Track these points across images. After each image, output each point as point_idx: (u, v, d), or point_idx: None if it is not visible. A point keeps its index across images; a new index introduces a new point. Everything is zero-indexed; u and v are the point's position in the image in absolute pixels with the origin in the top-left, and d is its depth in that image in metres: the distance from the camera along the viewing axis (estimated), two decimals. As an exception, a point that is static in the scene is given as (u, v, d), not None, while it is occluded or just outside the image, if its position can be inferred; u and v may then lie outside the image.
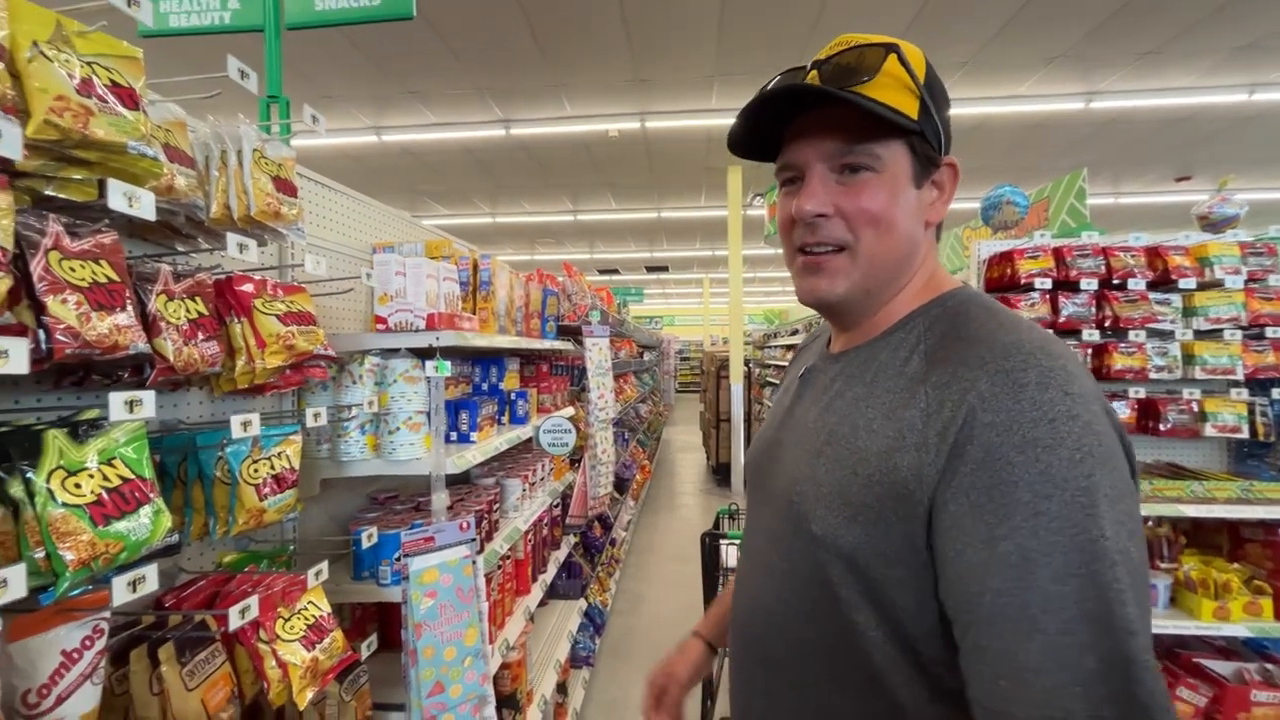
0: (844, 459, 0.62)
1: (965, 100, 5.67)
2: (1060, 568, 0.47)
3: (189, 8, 1.87)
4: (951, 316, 0.64)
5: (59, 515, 0.70)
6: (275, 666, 1.03)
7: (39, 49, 0.71)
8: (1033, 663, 0.47)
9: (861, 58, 0.63)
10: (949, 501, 0.53)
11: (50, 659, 0.76)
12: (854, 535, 0.59)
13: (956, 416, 0.53)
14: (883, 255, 0.66)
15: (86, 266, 0.78)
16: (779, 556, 0.69)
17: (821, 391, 0.73)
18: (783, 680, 0.68)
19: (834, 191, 0.65)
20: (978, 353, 0.57)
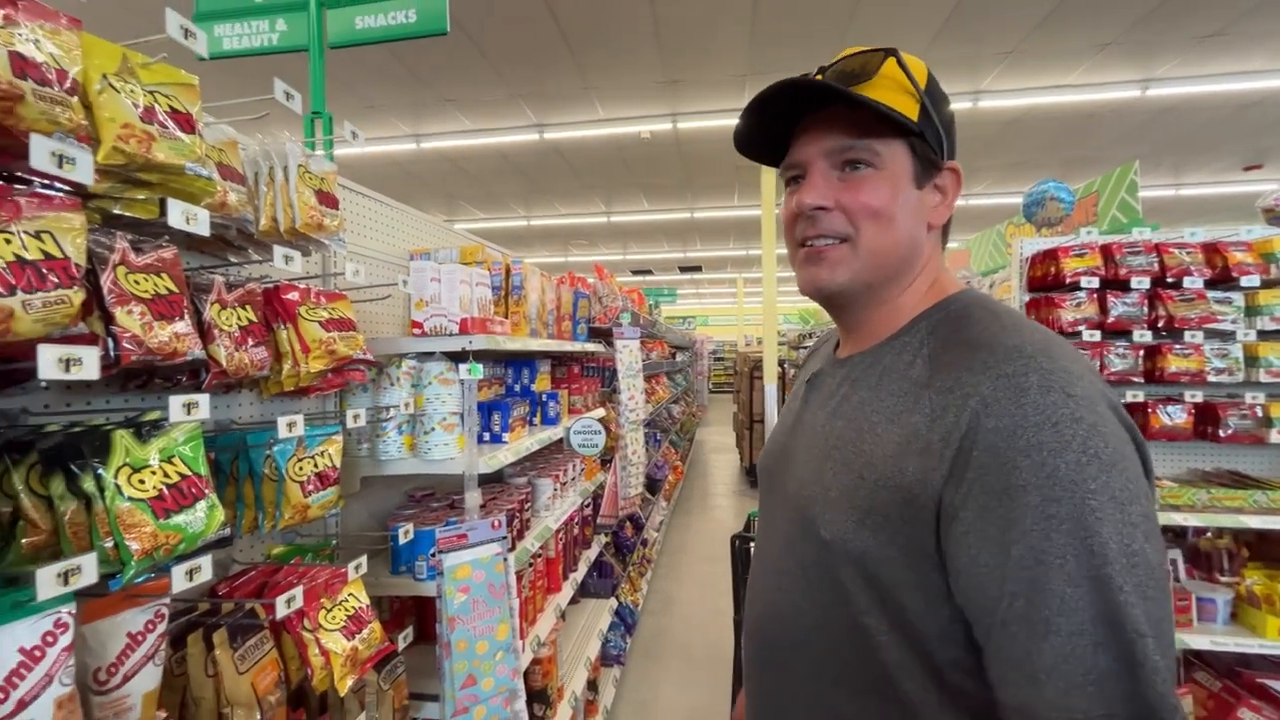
0: (851, 463, 0.63)
1: (1007, 92, 5.48)
2: (1073, 570, 0.48)
3: (241, 31, 2.00)
4: (954, 320, 0.64)
5: (125, 508, 0.76)
6: (318, 654, 1.09)
7: (108, 81, 0.78)
8: (1048, 663, 0.48)
9: (862, 62, 0.65)
10: (959, 507, 0.53)
11: (118, 640, 0.82)
12: (862, 539, 0.59)
13: (960, 421, 0.54)
14: (883, 249, 0.67)
15: (149, 279, 0.84)
16: (791, 560, 0.69)
17: (829, 396, 0.74)
18: (796, 683, 0.69)
19: (835, 186, 0.67)
20: (980, 357, 0.57)
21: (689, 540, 5.54)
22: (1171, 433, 2.26)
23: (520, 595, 1.77)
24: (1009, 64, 5.05)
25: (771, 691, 0.72)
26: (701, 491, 7.47)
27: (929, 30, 4.54)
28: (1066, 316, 2.37)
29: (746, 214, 10.00)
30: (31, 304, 0.67)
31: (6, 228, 0.67)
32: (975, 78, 5.31)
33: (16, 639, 0.67)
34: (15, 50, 0.66)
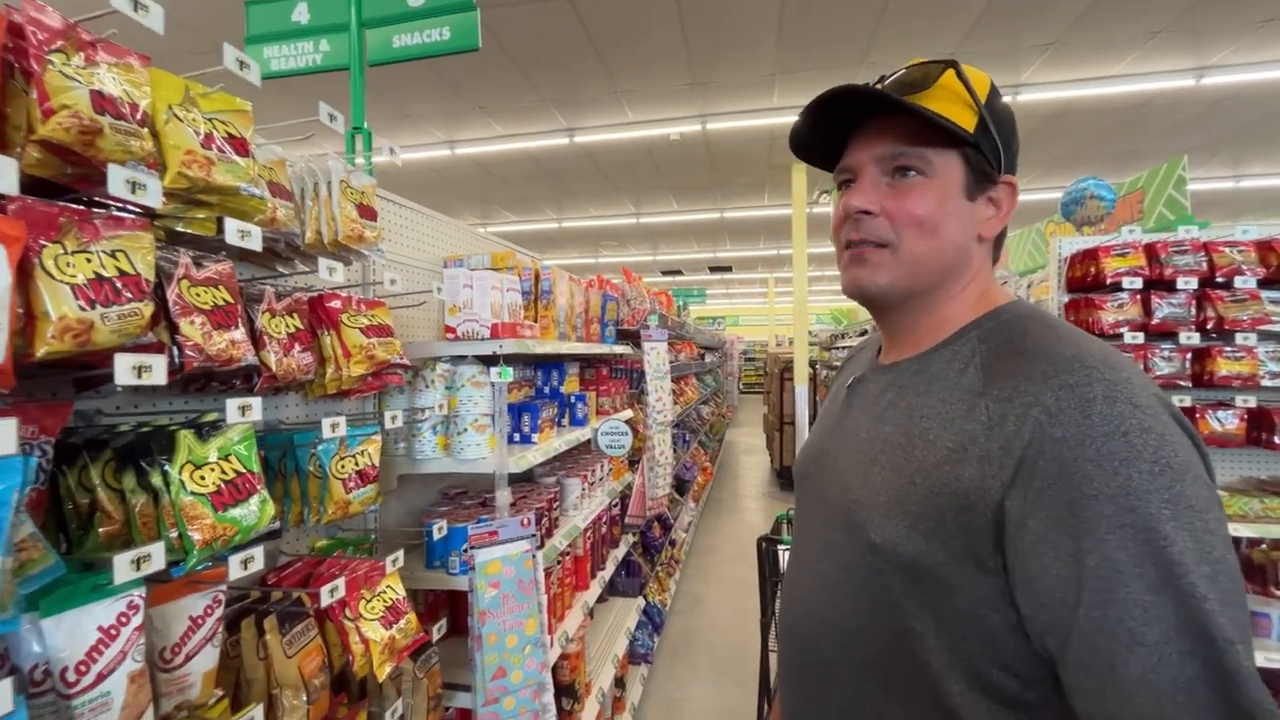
0: (901, 469, 0.63)
1: (1048, 85, 5.30)
2: (1154, 579, 0.47)
3: (288, 54, 2.13)
4: (1006, 330, 0.64)
5: (189, 502, 0.83)
6: (359, 641, 1.16)
7: (173, 112, 0.85)
8: (1134, 674, 0.47)
9: (923, 73, 0.67)
10: (1026, 516, 0.53)
11: (181, 623, 0.90)
12: (914, 545, 0.59)
13: (1021, 431, 0.54)
14: (925, 257, 0.67)
15: (209, 291, 0.91)
16: (833, 564, 0.69)
17: (872, 402, 0.74)
18: (836, 687, 0.69)
19: (883, 192, 0.68)
20: (1039, 367, 0.57)
21: (718, 542, 5.53)
22: (1222, 439, 2.17)
23: (549, 592, 1.83)
24: (1051, 56, 4.88)
25: (811, 694, 0.72)
26: (731, 493, 7.44)
27: (962, 25, 4.44)
28: (1107, 318, 2.30)
29: (777, 213, 9.91)
30: (108, 316, 0.74)
31: (87, 248, 0.74)
32: (1014, 71, 5.16)
33: (95, 619, 0.74)
34: (95, 89, 0.73)
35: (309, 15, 2.13)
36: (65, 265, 0.71)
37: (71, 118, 0.70)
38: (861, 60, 4.98)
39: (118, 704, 0.75)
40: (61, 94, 0.70)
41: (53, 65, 0.70)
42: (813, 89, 5.51)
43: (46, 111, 0.69)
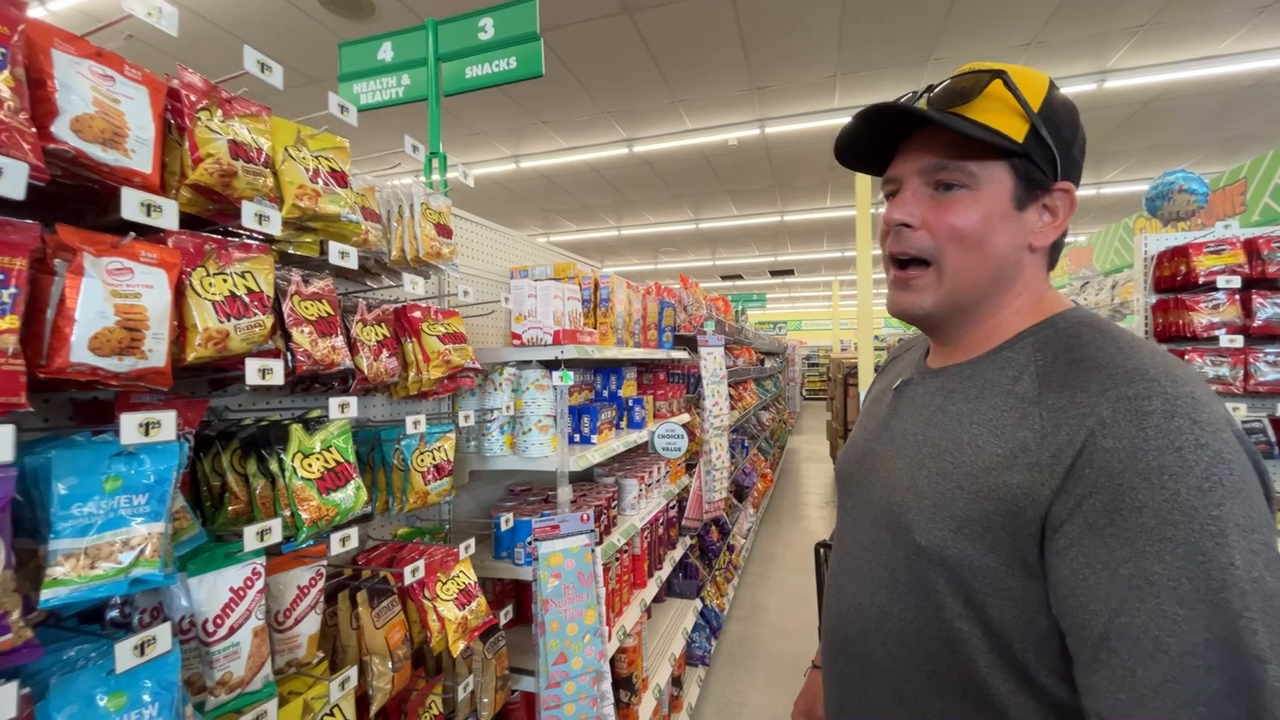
0: (948, 473, 0.63)
1: (1139, 69, 4.92)
2: (1187, 593, 0.48)
3: (374, 88, 2.38)
4: (1064, 338, 0.64)
5: (299, 485, 0.97)
6: (435, 620, 1.28)
7: (288, 152, 1.00)
8: (1154, 682, 0.48)
9: (971, 82, 0.65)
10: (1065, 523, 0.54)
11: (290, 591, 1.04)
12: (960, 547, 0.60)
13: (1074, 440, 0.54)
14: (968, 272, 0.67)
15: (314, 305, 1.06)
16: (878, 564, 0.70)
17: (921, 405, 0.74)
18: (882, 685, 0.69)
19: (925, 204, 0.68)
20: (1097, 378, 0.56)
21: (778, 549, 5.46)
22: (1339, 451, 1.97)
23: (607, 586, 1.91)
24: (1141, 38, 4.54)
25: (856, 687, 0.73)
26: (793, 501, 7.31)
27: (1041, 13, 4.21)
28: (1200, 320, 2.14)
29: (840, 215, 9.67)
30: (240, 327, 0.88)
31: (224, 270, 0.89)
32: (1099, 58, 4.83)
33: (228, 581, 0.89)
34: (231, 139, 0.88)
35: (392, 53, 2.36)
36: (208, 285, 0.86)
37: (215, 164, 0.85)
38: (928, 57, 4.82)
39: (245, 653, 0.88)
40: (207, 144, 0.85)
41: (200, 121, 0.86)
42: (876, 88, 5.39)
43: (196, 160, 0.84)
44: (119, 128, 0.75)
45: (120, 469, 0.73)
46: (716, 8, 4.12)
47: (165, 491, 0.76)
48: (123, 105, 0.76)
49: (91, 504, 0.70)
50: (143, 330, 0.75)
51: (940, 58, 4.84)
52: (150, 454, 0.76)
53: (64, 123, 0.70)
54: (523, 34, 2.18)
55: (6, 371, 0.62)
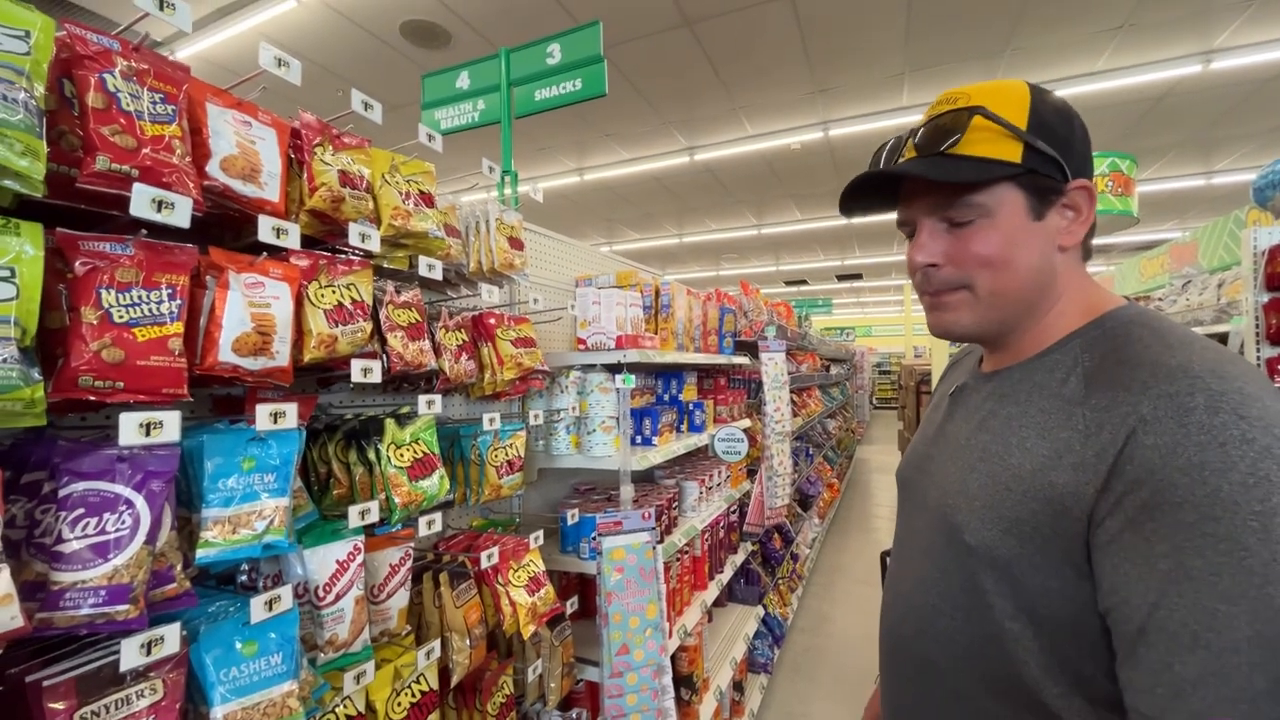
0: (997, 475, 0.65)
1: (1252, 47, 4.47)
2: (1228, 589, 0.48)
3: (453, 114, 2.59)
4: (1111, 338, 0.64)
5: (393, 473, 1.09)
6: (508, 604, 1.38)
7: (384, 178, 1.13)
8: (1191, 676, 0.48)
9: (950, 121, 0.66)
10: (1106, 519, 0.54)
11: (384, 569, 1.16)
12: (1009, 548, 0.61)
13: (1116, 439, 0.55)
14: (1005, 292, 0.68)
15: (405, 312, 1.19)
16: (932, 564, 0.72)
17: (974, 410, 0.75)
18: (937, 684, 0.71)
19: (944, 241, 0.69)
20: (1139, 376, 0.57)
21: (845, 561, 5.31)
22: None
23: (668, 584, 1.96)
24: (1255, 12, 4.14)
25: (913, 687, 0.75)
26: (861, 513, 7.07)
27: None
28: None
29: (911, 216, 9.29)
30: (346, 332, 1.01)
31: (333, 283, 1.02)
32: (1204, 37, 4.44)
33: (334, 554, 1.01)
34: (340, 169, 1.02)
35: (469, 81, 2.56)
36: (320, 296, 0.99)
37: (328, 192, 0.98)
38: (1005, 47, 4.60)
39: (348, 619, 1.01)
40: (321, 175, 0.99)
41: (316, 155, 1.00)
42: (947, 84, 5.18)
43: (312, 189, 0.98)
44: (255, 165, 0.89)
45: (254, 451, 0.87)
46: (776, 13, 4.12)
47: (288, 472, 0.89)
48: (258, 145, 0.91)
49: (233, 480, 0.84)
50: (272, 335, 0.88)
51: (1019, 47, 4.61)
52: (276, 439, 0.89)
53: (215, 163, 0.85)
54: (588, 57, 2.31)
55: (174, 368, 0.76)
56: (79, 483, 0.71)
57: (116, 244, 0.75)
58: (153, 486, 0.74)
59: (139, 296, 0.75)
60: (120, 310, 0.73)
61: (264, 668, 0.84)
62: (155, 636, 0.72)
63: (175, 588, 0.75)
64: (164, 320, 0.76)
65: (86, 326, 0.70)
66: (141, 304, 0.75)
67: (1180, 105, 5.52)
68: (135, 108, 0.74)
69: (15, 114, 0.60)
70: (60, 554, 0.67)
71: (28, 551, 0.69)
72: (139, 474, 0.74)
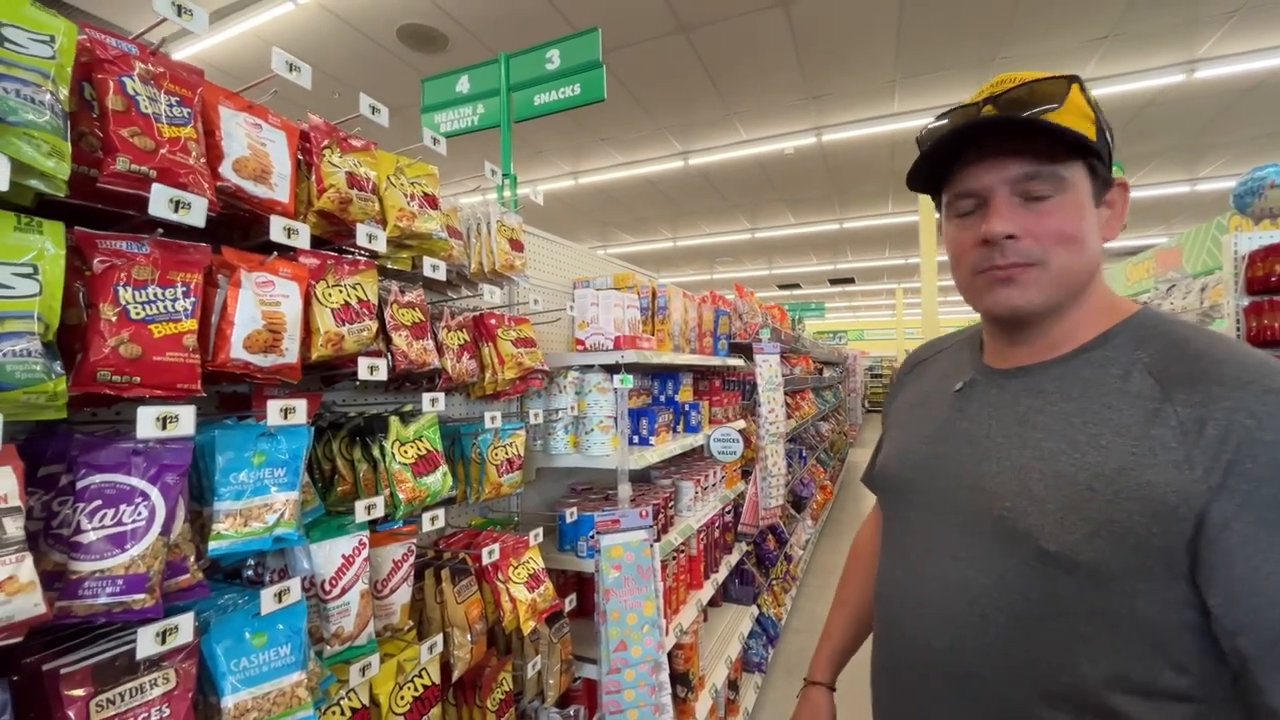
0: (1071, 476, 0.62)
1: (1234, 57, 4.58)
2: None
3: (453, 118, 2.62)
4: (1161, 336, 0.65)
5: (397, 469, 1.11)
6: (508, 600, 1.40)
7: (389, 180, 1.15)
8: None
9: (1048, 88, 0.65)
10: (1231, 519, 0.53)
11: (387, 564, 1.18)
12: (1096, 550, 0.59)
13: (1229, 436, 0.54)
14: (1074, 271, 0.67)
15: (409, 312, 1.21)
16: (978, 571, 0.68)
17: (1005, 406, 0.72)
18: (982, 697, 0.67)
19: (1020, 214, 0.66)
20: (1229, 371, 0.57)
21: (838, 563, 5.34)
22: None
23: (664, 582, 1.98)
24: (1236, 23, 4.24)
25: (947, 708, 0.71)
26: (853, 515, 7.12)
27: (1118, 2, 4.02)
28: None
29: (903, 221, 9.40)
30: (352, 331, 1.03)
31: (340, 282, 1.04)
32: (1188, 47, 4.54)
33: (340, 548, 1.03)
34: (348, 171, 1.04)
35: (469, 85, 2.60)
36: (328, 295, 1.01)
37: (336, 193, 1.00)
38: (993, 56, 4.68)
39: (354, 611, 1.02)
40: (330, 177, 1.01)
41: (324, 157, 1.02)
42: (937, 91, 5.26)
43: (320, 190, 1.00)
44: (266, 166, 0.91)
45: (264, 446, 0.89)
46: (770, 21, 4.18)
47: (297, 466, 0.91)
48: (268, 147, 0.93)
49: (244, 474, 0.85)
50: (282, 332, 0.90)
51: (1007, 56, 4.69)
52: (286, 435, 0.91)
53: (228, 164, 0.87)
54: (586, 62, 2.35)
55: (189, 364, 0.78)
56: (96, 475, 0.72)
57: (133, 242, 0.77)
58: (167, 479, 0.76)
59: (155, 294, 0.77)
60: (137, 307, 0.75)
61: (273, 658, 0.85)
62: (170, 626, 0.74)
63: (189, 578, 0.77)
64: (179, 317, 0.78)
65: (105, 322, 0.72)
66: (157, 301, 0.77)
67: (1165, 113, 5.64)
68: (153, 110, 0.76)
69: (43, 115, 0.62)
70: (79, 544, 0.69)
71: (45, 542, 0.70)
72: (154, 467, 0.76)
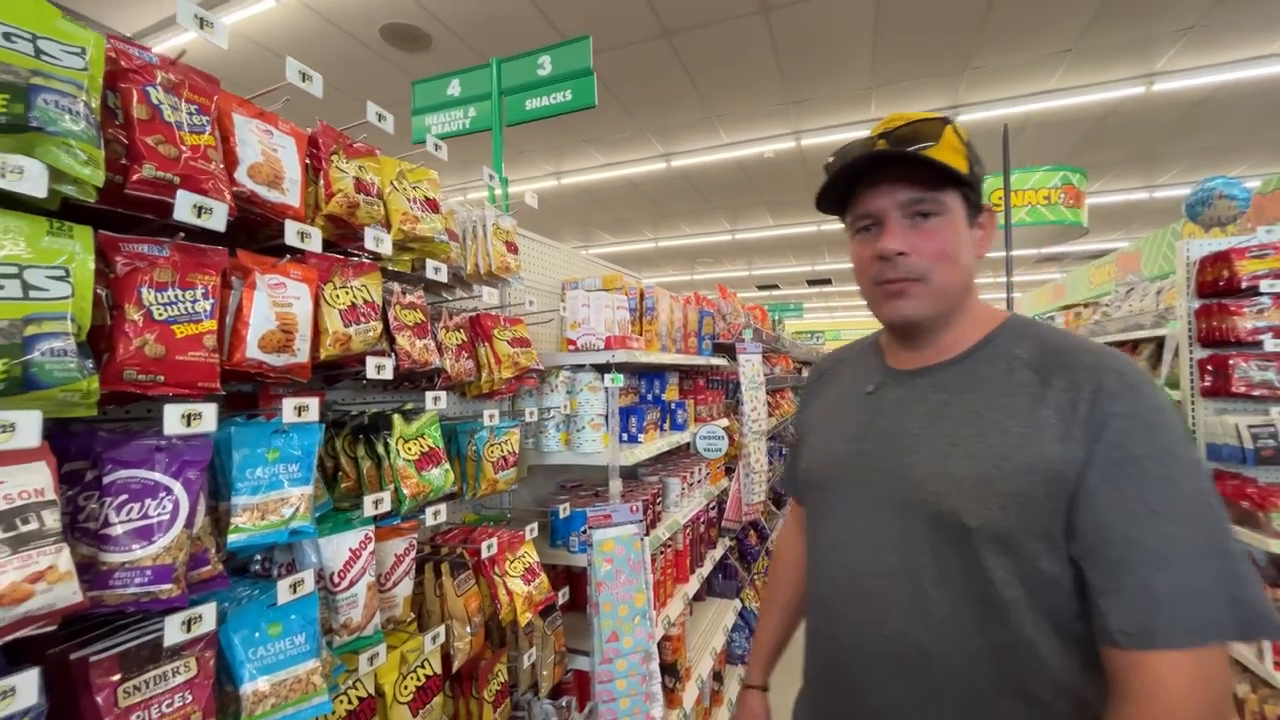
0: (980, 456, 0.72)
1: (1188, 71, 4.82)
2: (1183, 516, 0.62)
3: (444, 120, 2.63)
4: (1028, 337, 0.79)
5: (401, 465, 1.14)
6: (505, 593, 1.43)
7: (393, 185, 1.19)
8: (1167, 589, 0.61)
9: (928, 127, 0.77)
10: (1089, 475, 0.66)
11: (390, 558, 1.21)
12: (1009, 519, 0.69)
13: (1093, 412, 0.67)
14: (951, 284, 0.79)
15: (411, 312, 1.24)
16: (915, 554, 0.76)
17: (915, 403, 0.82)
18: (931, 672, 0.74)
19: (909, 234, 0.78)
20: (1086, 360, 0.71)
21: (816, 557, 5.46)
22: (1395, 456, 1.95)
23: (653, 575, 2.04)
24: (1189, 41, 4.47)
25: (900, 687, 0.77)
26: (830, 510, 7.26)
27: (1081, 19, 4.21)
28: (1245, 325, 2.15)
29: (878, 224, 9.61)
30: (359, 331, 1.06)
31: (347, 284, 1.07)
32: (1146, 61, 4.76)
33: (347, 542, 1.06)
34: (355, 176, 1.07)
35: (460, 89, 2.61)
36: (335, 297, 1.04)
37: (344, 198, 1.04)
38: (964, 67, 4.85)
39: (361, 603, 1.06)
40: (338, 182, 1.04)
41: (332, 163, 1.05)
42: (912, 98, 5.42)
43: (329, 195, 1.03)
44: (279, 172, 0.94)
45: (278, 443, 0.92)
46: (751, 28, 4.27)
47: (310, 462, 0.94)
48: (279, 153, 0.96)
49: (260, 469, 0.88)
50: (294, 332, 0.93)
51: (977, 67, 4.86)
52: (298, 432, 0.94)
53: (243, 170, 0.90)
54: (578, 69, 2.39)
55: (209, 363, 0.81)
56: (122, 470, 0.75)
57: (153, 246, 0.79)
58: (189, 475, 0.79)
59: (175, 295, 0.79)
60: (160, 308, 0.77)
61: (289, 647, 0.89)
62: (195, 615, 0.77)
63: (210, 570, 0.80)
64: (200, 318, 0.81)
65: (130, 323, 0.74)
66: (179, 302, 0.79)
67: (1124, 123, 5.89)
68: (175, 118, 0.79)
69: (79, 124, 0.65)
70: (108, 537, 0.72)
71: (72, 535, 0.73)
72: (176, 463, 0.79)
